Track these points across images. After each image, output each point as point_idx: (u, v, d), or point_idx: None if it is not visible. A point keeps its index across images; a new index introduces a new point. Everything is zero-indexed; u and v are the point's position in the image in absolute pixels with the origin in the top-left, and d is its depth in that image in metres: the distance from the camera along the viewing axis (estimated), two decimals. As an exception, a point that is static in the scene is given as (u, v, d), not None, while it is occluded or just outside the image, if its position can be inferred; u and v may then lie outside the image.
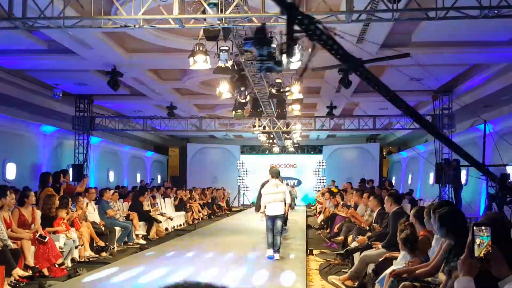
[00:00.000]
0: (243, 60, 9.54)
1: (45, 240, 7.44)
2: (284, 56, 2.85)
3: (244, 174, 27.54)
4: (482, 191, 13.59)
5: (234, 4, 6.44)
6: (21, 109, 14.10)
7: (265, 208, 9.15)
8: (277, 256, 9.13)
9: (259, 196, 9.52)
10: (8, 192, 7.32)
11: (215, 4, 6.37)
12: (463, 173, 15.06)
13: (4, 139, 13.34)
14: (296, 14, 2.72)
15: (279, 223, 9.13)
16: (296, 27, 2.28)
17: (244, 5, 6.66)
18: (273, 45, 3.30)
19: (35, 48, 10.73)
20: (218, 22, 6.71)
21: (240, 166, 27.44)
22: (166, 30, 9.44)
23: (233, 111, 13.22)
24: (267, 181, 9.47)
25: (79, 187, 10.50)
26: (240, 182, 27.35)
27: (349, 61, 3.11)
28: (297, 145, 25.16)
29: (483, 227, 2.35)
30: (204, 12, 6.66)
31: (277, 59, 3.06)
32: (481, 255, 2.32)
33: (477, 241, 2.33)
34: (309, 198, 26.76)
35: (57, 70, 12.66)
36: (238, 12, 6.61)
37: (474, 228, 2.35)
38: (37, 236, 7.45)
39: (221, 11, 6.43)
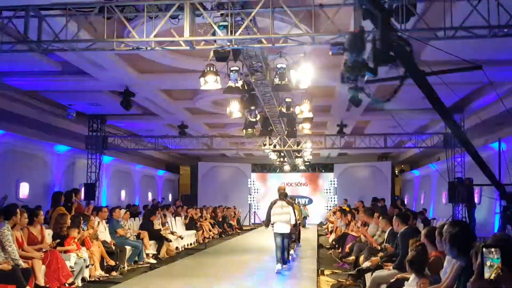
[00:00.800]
0: (253, 80, 9.63)
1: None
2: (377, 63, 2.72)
3: (255, 192, 27.51)
4: (496, 211, 13.37)
5: (243, 26, 6.54)
6: (35, 129, 14.34)
7: (273, 225, 10.07)
8: (285, 267, 10.01)
9: (268, 214, 10.24)
10: (18, 210, 7.38)
11: (225, 26, 6.49)
12: (476, 192, 14.85)
13: (17, 158, 13.54)
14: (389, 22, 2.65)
15: (286, 241, 10.07)
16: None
17: (254, 26, 6.76)
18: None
19: (49, 70, 10.97)
20: (228, 43, 6.81)
21: (251, 184, 27.42)
22: (177, 51, 9.58)
23: (244, 130, 13.31)
24: (275, 201, 10.16)
25: (86, 211, 10.62)
26: (251, 200, 27.29)
27: (415, 72, 2.99)
28: (308, 163, 25.10)
29: (492, 249, 2.32)
30: (214, 34, 6.76)
31: (371, 67, 2.92)
32: (491, 277, 2.29)
33: (487, 263, 2.30)
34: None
35: (71, 91, 12.90)
36: (248, 34, 6.71)
37: (484, 249, 2.32)
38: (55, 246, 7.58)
39: (231, 33, 6.54)
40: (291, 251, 11.79)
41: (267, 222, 10.30)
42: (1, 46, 7.03)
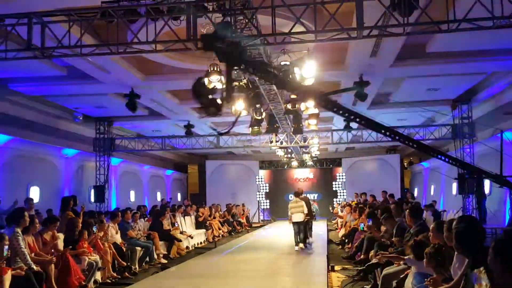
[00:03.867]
0: (257, 78, 9.61)
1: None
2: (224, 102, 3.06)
3: (263, 189, 27.51)
4: (507, 201, 13.28)
5: (245, 25, 6.52)
6: (43, 134, 14.44)
7: (291, 217, 13.18)
8: (302, 245, 13.02)
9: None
10: (25, 213, 7.42)
11: (227, 27, 6.45)
12: (487, 182, 14.73)
13: (27, 163, 13.65)
14: (238, 61, 2.94)
15: (301, 226, 13.13)
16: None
17: (256, 25, 6.74)
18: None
19: (55, 75, 11.04)
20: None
21: (259, 181, 27.43)
22: (181, 52, 9.59)
23: (250, 128, 13.29)
24: (293, 198, 13.63)
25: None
26: (259, 197, 27.30)
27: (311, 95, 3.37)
28: (316, 158, 25.04)
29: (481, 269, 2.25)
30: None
31: (217, 105, 3.26)
32: None
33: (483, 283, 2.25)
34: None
35: (77, 95, 12.98)
36: (250, 33, 6.69)
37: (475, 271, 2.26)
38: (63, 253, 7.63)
39: (233, 33, 6.50)
40: (309, 239, 14.39)
41: (290, 217, 13.38)
42: (5, 53, 7.07)
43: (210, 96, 3.41)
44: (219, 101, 3.31)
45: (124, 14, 6.71)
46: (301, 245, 12.98)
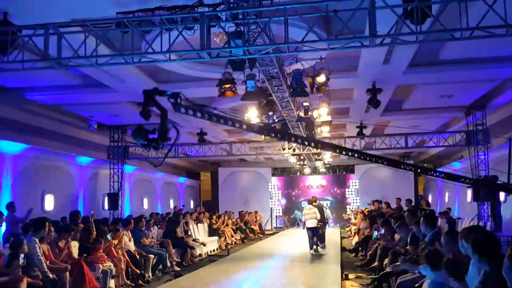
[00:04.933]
0: (269, 86, 9.66)
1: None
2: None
3: (275, 196, 27.48)
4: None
5: (258, 34, 6.56)
6: (58, 142, 14.62)
7: (305, 223, 14.17)
8: (315, 249, 13.99)
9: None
10: (47, 223, 7.54)
11: (240, 36, 6.49)
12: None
13: (42, 171, 13.81)
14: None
15: (314, 231, 14.04)
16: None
17: (268, 35, 6.78)
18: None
19: (70, 84, 11.19)
20: (244, 52, 6.83)
21: (271, 188, 27.40)
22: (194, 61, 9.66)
23: (263, 135, 13.29)
24: (306, 206, 15.02)
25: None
26: (272, 204, 27.27)
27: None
28: (329, 165, 24.96)
29: None
30: (229, 42, 6.79)
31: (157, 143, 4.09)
32: None
33: None
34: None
35: (92, 103, 13.12)
36: (263, 42, 6.73)
37: None
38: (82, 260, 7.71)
39: (246, 42, 6.56)
40: (322, 244, 15.10)
41: (304, 223, 14.45)
42: (22, 64, 7.20)
43: (149, 137, 4.17)
44: (157, 140, 4.10)
45: (139, 24, 6.80)
46: (315, 248, 13.98)
